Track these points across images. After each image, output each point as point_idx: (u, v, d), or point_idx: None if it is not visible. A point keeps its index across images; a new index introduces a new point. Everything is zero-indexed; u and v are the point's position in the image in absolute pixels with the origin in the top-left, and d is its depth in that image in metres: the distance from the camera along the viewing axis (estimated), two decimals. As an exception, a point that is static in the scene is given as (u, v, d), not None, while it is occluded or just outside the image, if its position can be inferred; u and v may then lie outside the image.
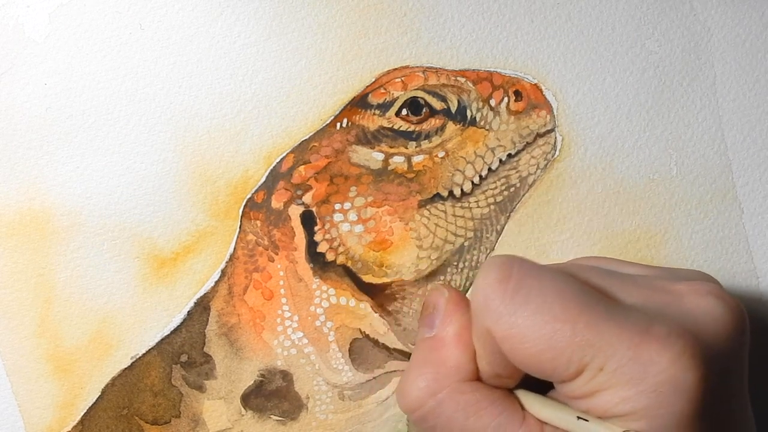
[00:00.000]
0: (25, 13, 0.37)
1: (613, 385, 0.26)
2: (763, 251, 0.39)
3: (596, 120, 0.38)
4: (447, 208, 0.37)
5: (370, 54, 0.37)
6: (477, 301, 0.28)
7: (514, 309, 0.27)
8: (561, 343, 0.27)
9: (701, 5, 0.38)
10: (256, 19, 0.37)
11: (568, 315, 0.27)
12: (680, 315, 0.28)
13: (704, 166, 0.38)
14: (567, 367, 0.27)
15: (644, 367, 0.26)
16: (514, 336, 0.27)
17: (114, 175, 0.37)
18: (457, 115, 0.37)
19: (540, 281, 0.28)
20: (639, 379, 0.26)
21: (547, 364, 0.27)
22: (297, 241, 0.37)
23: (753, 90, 0.39)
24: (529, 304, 0.27)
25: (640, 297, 0.29)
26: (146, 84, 0.37)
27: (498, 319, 0.28)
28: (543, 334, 0.27)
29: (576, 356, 0.27)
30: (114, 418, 0.37)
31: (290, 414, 0.37)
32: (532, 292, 0.28)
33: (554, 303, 0.27)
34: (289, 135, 0.37)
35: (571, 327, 0.27)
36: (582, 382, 0.27)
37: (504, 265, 0.28)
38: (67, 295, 0.37)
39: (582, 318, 0.27)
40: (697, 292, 0.29)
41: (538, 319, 0.27)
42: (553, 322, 0.27)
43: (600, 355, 0.26)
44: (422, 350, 0.31)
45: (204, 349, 0.37)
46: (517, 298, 0.27)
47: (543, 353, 0.27)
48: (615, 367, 0.26)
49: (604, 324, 0.27)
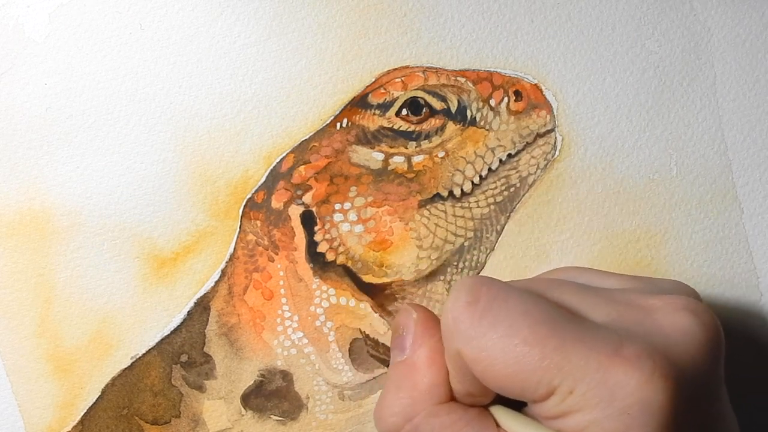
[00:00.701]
0: (25, 13, 0.37)
1: (582, 407, 0.26)
2: (763, 251, 0.39)
3: (596, 120, 0.38)
4: (447, 208, 0.37)
5: (370, 54, 0.37)
6: (446, 324, 0.28)
7: (483, 332, 0.27)
8: (530, 366, 0.27)
9: (701, 5, 0.38)
10: (256, 19, 0.37)
11: (536, 338, 0.27)
12: (651, 333, 0.28)
13: (704, 166, 0.38)
14: (536, 389, 0.27)
15: (613, 389, 0.26)
16: (483, 359, 0.27)
17: (114, 175, 0.37)
18: (457, 115, 0.37)
19: (508, 303, 0.28)
20: (608, 401, 0.26)
21: (516, 386, 0.27)
22: (297, 241, 0.37)
23: (753, 90, 0.39)
24: (498, 327, 0.27)
25: (612, 314, 0.29)
26: (146, 84, 0.37)
27: (467, 341, 0.28)
28: (512, 357, 0.27)
29: (545, 379, 0.27)
30: (114, 418, 0.37)
31: (290, 414, 0.37)
32: (501, 314, 0.27)
33: (522, 326, 0.27)
34: (289, 135, 0.37)
35: (539, 350, 0.27)
36: (553, 404, 0.27)
37: (473, 288, 0.28)
38: (67, 295, 0.37)
39: (551, 341, 0.27)
40: (670, 308, 0.28)
41: (506, 342, 0.27)
42: (522, 345, 0.27)
43: (569, 378, 0.26)
44: (395, 374, 0.31)
45: (204, 349, 0.37)
46: (485, 321, 0.27)
47: (513, 376, 0.27)
48: (584, 390, 0.26)
49: (572, 346, 0.27)
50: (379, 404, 0.31)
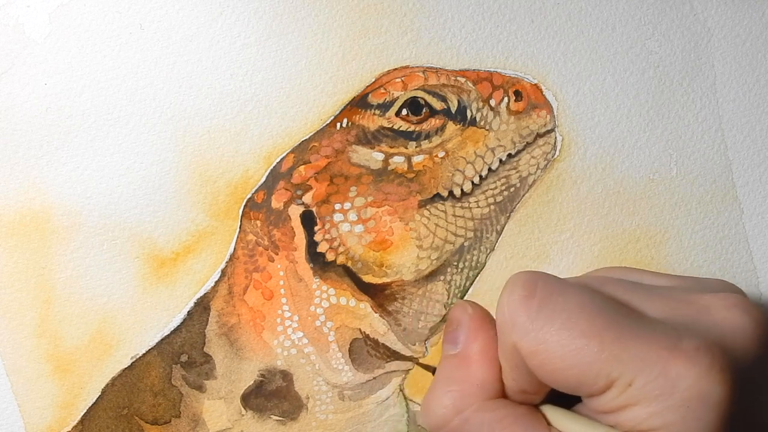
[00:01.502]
0: (25, 13, 0.37)
1: (641, 400, 0.26)
2: (763, 251, 0.39)
3: (596, 120, 0.38)
4: (447, 208, 0.37)
5: (370, 54, 0.37)
6: (503, 318, 0.28)
7: (541, 325, 0.27)
8: (588, 359, 0.27)
9: (701, 5, 0.38)
10: (256, 19, 0.37)
11: (594, 330, 0.27)
12: (708, 328, 0.28)
13: (704, 166, 0.38)
14: (595, 382, 0.27)
15: (673, 382, 0.26)
16: (541, 352, 0.27)
17: (114, 175, 0.37)
18: (457, 115, 0.37)
19: (565, 297, 0.28)
20: (668, 394, 0.26)
21: (574, 380, 0.27)
22: (297, 241, 0.37)
23: (753, 90, 0.39)
24: (555, 320, 0.27)
25: (666, 310, 0.29)
26: (146, 84, 0.37)
27: (524, 335, 0.28)
28: (570, 349, 0.27)
29: (604, 371, 0.27)
30: (114, 418, 0.37)
31: (290, 414, 0.37)
32: (558, 307, 0.28)
33: (580, 318, 0.27)
34: (289, 135, 0.37)
35: (598, 342, 0.27)
36: (610, 397, 0.27)
37: (528, 282, 0.28)
38: (67, 295, 0.37)
39: (609, 333, 0.27)
40: (724, 305, 0.29)
41: (564, 334, 0.27)
42: (580, 337, 0.27)
43: (628, 370, 0.26)
44: (447, 367, 0.31)
45: (204, 349, 0.37)
46: (542, 315, 0.27)
47: (570, 369, 0.27)
48: (644, 383, 0.26)
49: (631, 339, 0.27)
50: (428, 396, 0.31)
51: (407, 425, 0.38)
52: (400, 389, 0.38)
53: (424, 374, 0.38)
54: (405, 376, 0.38)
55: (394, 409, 0.38)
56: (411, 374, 0.38)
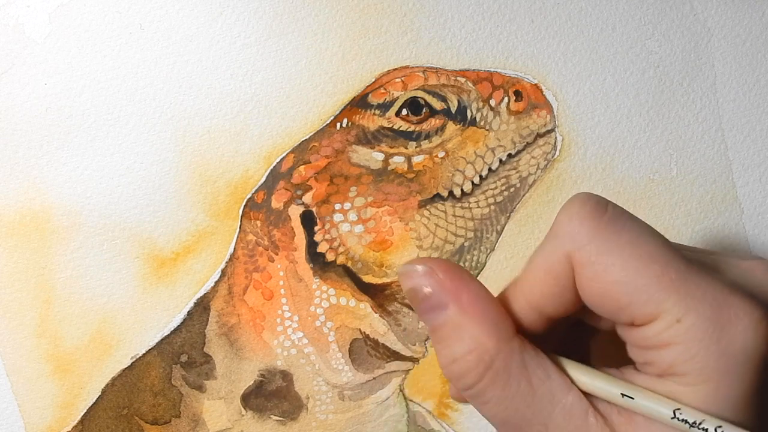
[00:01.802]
0: (25, 13, 0.37)
1: (687, 340, 0.26)
2: (763, 251, 0.39)
3: (596, 120, 0.38)
4: (447, 209, 0.37)
5: (370, 54, 0.37)
6: (567, 224, 0.27)
7: (608, 236, 0.27)
8: (647, 280, 0.26)
9: (701, 5, 0.38)
10: (256, 19, 0.37)
11: (659, 256, 0.26)
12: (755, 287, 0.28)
13: (704, 166, 0.38)
14: (644, 307, 0.26)
15: (722, 328, 0.25)
16: (600, 262, 0.26)
17: (114, 175, 0.37)
18: (457, 115, 0.37)
19: (634, 222, 0.27)
20: (715, 339, 0.25)
21: (624, 299, 0.26)
22: (297, 241, 0.37)
23: (753, 90, 0.39)
24: (624, 235, 0.26)
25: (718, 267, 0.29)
26: (146, 84, 0.37)
27: (588, 242, 0.27)
28: (632, 265, 0.26)
29: (657, 297, 0.26)
30: (114, 418, 0.37)
31: (290, 414, 0.37)
32: (627, 226, 0.27)
33: (649, 241, 0.26)
34: (289, 135, 0.37)
35: (660, 267, 0.26)
36: (654, 331, 0.26)
37: (600, 200, 0.28)
38: (67, 295, 0.37)
39: (673, 263, 0.26)
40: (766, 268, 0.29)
41: (629, 250, 0.26)
42: (645, 257, 0.26)
43: (681, 304, 0.26)
44: (445, 333, 0.28)
45: (204, 349, 0.37)
46: (611, 228, 0.27)
47: (624, 286, 0.26)
48: (693, 322, 0.26)
49: (691, 276, 0.26)
50: (449, 366, 0.28)
51: (407, 425, 0.38)
52: (400, 389, 0.38)
53: (424, 374, 0.38)
54: (405, 376, 0.38)
55: (394, 409, 0.38)
56: (411, 374, 0.38)
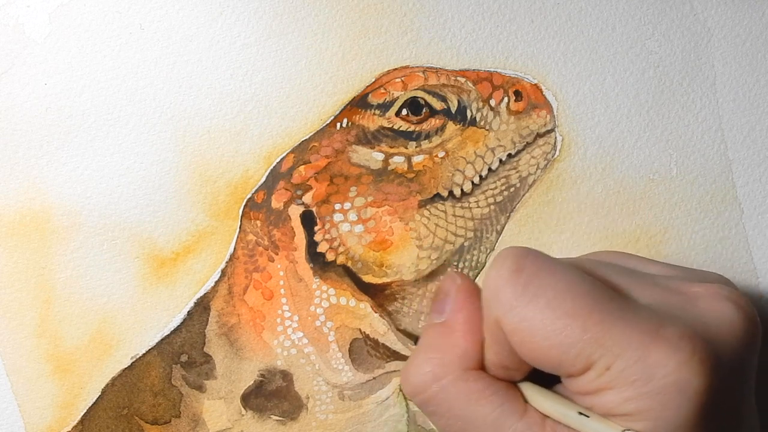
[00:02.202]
0: (25, 13, 0.37)
1: (618, 384, 0.26)
2: (763, 251, 0.39)
3: (596, 120, 0.38)
4: (447, 208, 0.37)
5: (370, 54, 0.37)
6: (488, 292, 0.28)
7: (526, 302, 0.27)
8: (570, 339, 0.27)
9: (701, 5, 0.38)
10: (256, 19, 0.37)
11: (579, 311, 0.27)
12: (693, 318, 0.28)
13: (704, 166, 0.38)
14: (574, 363, 0.27)
15: (651, 369, 0.26)
16: (523, 329, 0.27)
17: (114, 175, 0.37)
18: (457, 115, 0.37)
19: (553, 275, 0.28)
20: (645, 380, 0.26)
21: (554, 359, 0.27)
22: (297, 241, 0.37)
23: (753, 90, 0.39)
24: (541, 298, 0.27)
25: (654, 297, 0.29)
26: (146, 84, 0.37)
27: (508, 310, 0.27)
28: (553, 328, 0.27)
29: (584, 353, 0.26)
30: (114, 418, 0.37)
31: (290, 414, 0.37)
32: (544, 285, 0.27)
33: (566, 298, 0.27)
34: (289, 135, 0.37)
35: (581, 323, 0.26)
36: (588, 379, 0.27)
37: (518, 257, 0.28)
38: (67, 295, 0.37)
39: (593, 315, 0.27)
40: (713, 296, 0.28)
41: (548, 313, 0.27)
42: (564, 317, 0.27)
43: (608, 353, 0.26)
44: (430, 335, 0.31)
45: (204, 349, 0.37)
46: (528, 291, 0.27)
47: (551, 348, 0.27)
48: (622, 367, 0.26)
49: (614, 323, 0.27)
50: (408, 363, 0.31)
51: (407, 425, 0.38)
52: (400, 389, 0.38)
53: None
54: (405, 376, 0.38)
55: (394, 409, 0.38)
56: (411, 374, 0.38)
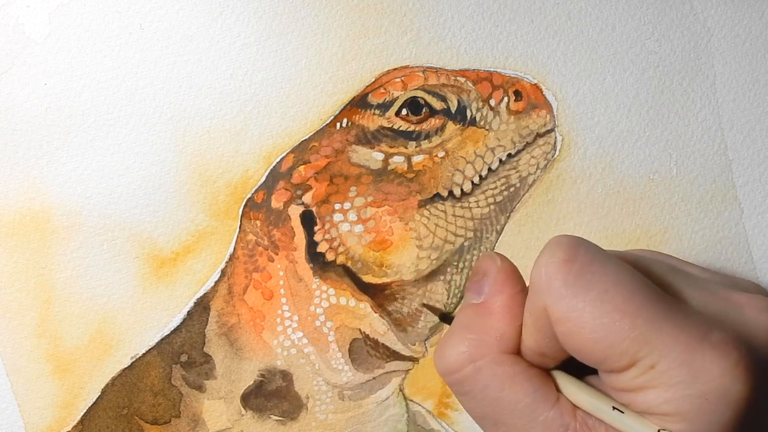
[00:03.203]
0: (25, 13, 0.37)
1: (660, 384, 0.26)
2: (763, 251, 0.39)
3: (596, 120, 0.38)
4: (447, 208, 0.37)
5: (370, 54, 0.37)
6: (538, 278, 0.28)
7: (576, 292, 0.27)
8: (618, 335, 0.26)
9: (701, 5, 0.38)
10: (256, 19, 0.37)
11: (629, 308, 0.27)
12: (739, 326, 0.28)
13: (704, 166, 0.38)
14: (619, 359, 0.27)
15: (695, 372, 0.26)
16: (571, 320, 0.27)
17: (114, 175, 0.37)
18: (457, 114, 0.37)
19: (605, 268, 0.27)
20: (688, 383, 0.26)
21: (599, 353, 0.27)
22: (297, 241, 0.37)
23: (753, 90, 0.39)
24: (592, 291, 0.27)
25: (701, 300, 0.29)
26: (146, 84, 0.37)
27: (558, 299, 0.27)
28: (602, 323, 0.27)
29: (630, 350, 0.26)
30: (114, 418, 0.37)
31: (290, 414, 0.37)
32: (596, 278, 0.27)
33: (617, 293, 0.27)
34: (289, 135, 0.37)
35: (630, 320, 0.26)
36: (630, 377, 0.27)
37: (570, 247, 0.28)
38: (67, 295, 0.37)
39: (642, 313, 0.26)
40: (757, 306, 0.29)
41: (598, 306, 0.27)
42: (614, 312, 0.27)
43: (654, 353, 0.26)
44: (467, 315, 0.31)
45: (204, 349, 0.37)
46: (580, 282, 0.27)
47: (598, 342, 0.27)
48: (666, 368, 0.26)
49: (663, 322, 0.26)
50: (443, 342, 0.30)
51: (407, 425, 0.38)
52: (400, 389, 0.38)
53: (423, 374, 0.38)
54: (405, 376, 0.38)
55: (393, 409, 0.38)
56: (411, 374, 0.38)
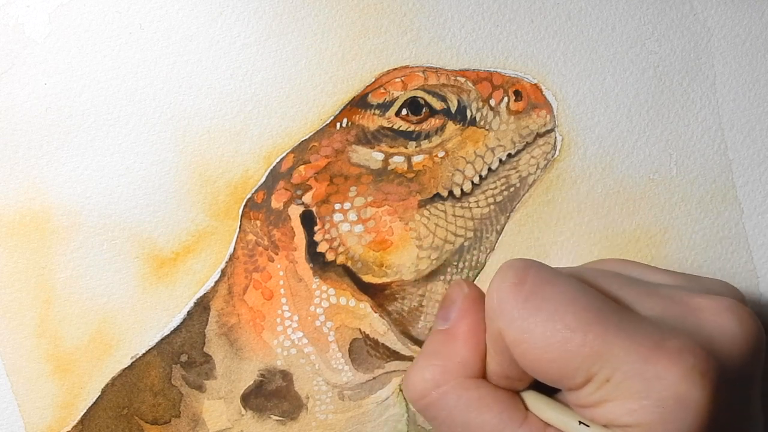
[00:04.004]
0: (25, 13, 0.37)
1: (618, 396, 0.26)
2: (763, 251, 0.39)
3: (596, 120, 0.38)
4: (447, 208, 0.37)
5: (370, 54, 0.37)
6: (491, 303, 0.29)
7: (527, 314, 0.27)
8: (570, 353, 0.27)
9: (701, 5, 0.38)
10: (256, 19, 0.37)
11: (579, 324, 0.27)
12: (695, 330, 0.28)
13: (704, 166, 0.38)
14: (574, 376, 0.27)
15: (651, 381, 0.26)
16: (524, 341, 0.27)
17: (114, 175, 0.37)
18: (457, 114, 0.37)
19: (554, 288, 0.28)
20: (645, 393, 0.26)
21: (555, 372, 0.27)
22: (297, 241, 0.37)
23: (753, 90, 0.39)
24: (542, 311, 0.27)
25: (657, 308, 0.29)
26: (146, 84, 0.37)
27: (510, 323, 0.28)
28: (553, 342, 0.27)
29: (584, 366, 0.27)
30: (114, 418, 0.37)
31: (290, 414, 0.37)
32: (546, 298, 0.27)
33: (567, 312, 0.27)
34: (289, 135, 0.37)
35: (581, 337, 0.27)
36: (588, 392, 0.27)
37: (520, 269, 0.28)
38: (67, 295, 0.37)
39: (593, 328, 0.27)
40: (715, 308, 0.28)
41: (549, 326, 0.27)
42: (565, 330, 0.27)
43: (608, 366, 0.26)
44: (434, 342, 0.31)
45: (204, 349, 0.37)
46: (530, 304, 0.27)
47: (552, 361, 0.27)
48: (621, 380, 0.26)
49: (614, 335, 0.27)
50: (411, 368, 0.31)
51: (407, 425, 0.38)
52: (400, 389, 0.38)
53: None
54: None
55: (393, 409, 0.38)
56: (411, 374, 0.38)
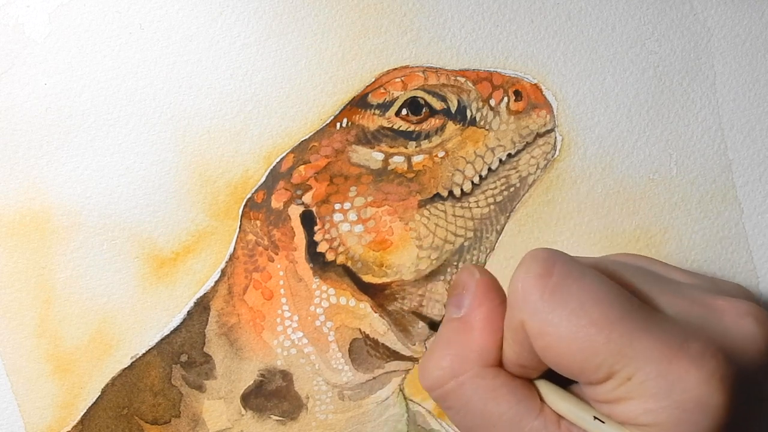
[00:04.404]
0: (25, 13, 0.37)
1: (638, 395, 0.26)
2: (763, 251, 0.39)
3: (596, 120, 0.38)
4: (447, 208, 0.37)
5: (370, 54, 0.37)
6: (515, 293, 0.28)
7: (552, 307, 0.27)
8: (594, 349, 0.27)
9: (701, 5, 0.38)
10: (256, 19, 0.37)
11: (605, 321, 0.27)
12: (718, 333, 0.28)
13: (704, 166, 0.38)
14: (596, 372, 0.27)
15: (672, 383, 0.26)
16: (548, 334, 0.27)
17: (114, 175, 0.37)
18: (457, 114, 0.37)
19: (581, 282, 0.28)
20: (665, 394, 0.26)
21: (576, 366, 0.27)
22: (297, 241, 0.37)
23: (753, 90, 0.39)
24: (567, 305, 0.27)
25: (680, 307, 0.29)
26: (146, 84, 0.37)
27: (534, 314, 0.27)
28: (577, 337, 0.27)
29: (607, 363, 0.27)
30: (114, 418, 0.37)
31: (290, 414, 0.37)
32: (572, 292, 0.27)
33: (593, 307, 0.27)
34: (289, 135, 0.37)
35: (606, 334, 0.27)
36: (608, 388, 0.27)
37: (546, 261, 0.28)
38: (67, 295, 0.37)
39: (618, 326, 0.27)
40: (737, 312, 0.28)
41: (574, 321, 0.27)
42: (589, 326, 0.27)
43: (630, 365, 0.26)
44: (449, 330, 0.31)
45: (204, 349, 0.37)
46: (555, 297, 0.27)
47: (574, 355, 0.27)
48: (643, 379, 0.26)
49: (639, 334, 0.27)
50: (426, 357, 0.31)
51: (407, 425, 0.38)
52: (400, 389, 0.38)
53: (424, 374, 0.38)
54: (405, 376, 0.38)
55: (393, 409, 0.38)
56: (411, 374, 0.38)
